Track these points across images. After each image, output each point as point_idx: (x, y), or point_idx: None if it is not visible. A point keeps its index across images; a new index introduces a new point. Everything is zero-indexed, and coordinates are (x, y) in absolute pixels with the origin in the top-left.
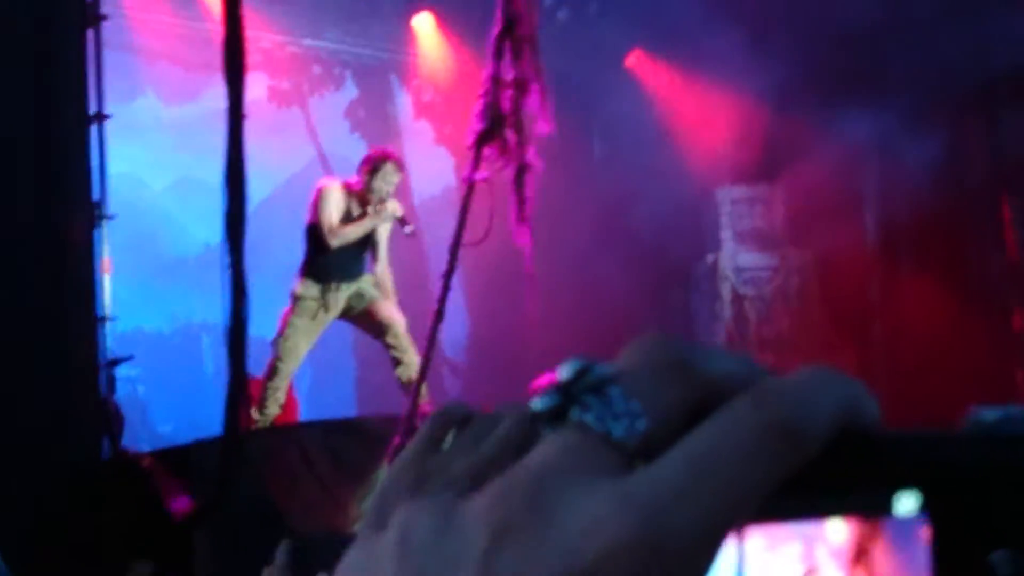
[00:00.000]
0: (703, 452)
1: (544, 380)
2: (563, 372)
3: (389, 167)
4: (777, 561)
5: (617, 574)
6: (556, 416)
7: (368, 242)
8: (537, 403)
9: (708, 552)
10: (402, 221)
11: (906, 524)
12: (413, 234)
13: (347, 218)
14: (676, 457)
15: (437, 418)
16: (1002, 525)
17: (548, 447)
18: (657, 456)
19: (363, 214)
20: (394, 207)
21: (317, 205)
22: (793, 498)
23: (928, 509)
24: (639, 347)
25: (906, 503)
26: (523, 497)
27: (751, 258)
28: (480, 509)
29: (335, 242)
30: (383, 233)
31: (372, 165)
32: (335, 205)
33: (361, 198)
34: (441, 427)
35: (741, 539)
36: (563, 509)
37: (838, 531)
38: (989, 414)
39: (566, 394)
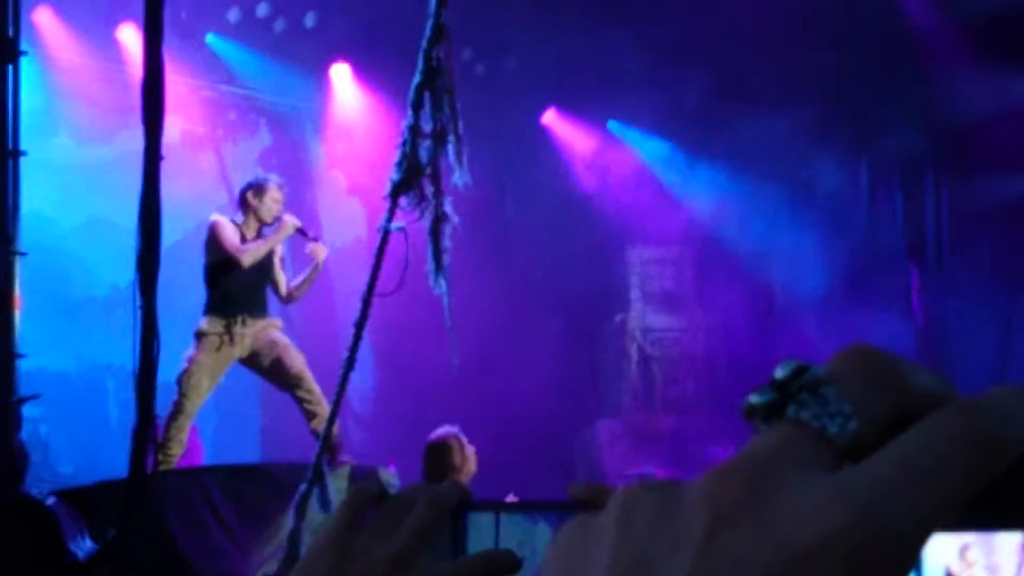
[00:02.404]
0: (913, 455)
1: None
2: (779, 371)
3: (272, 186)
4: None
5: (831, 563)
6: (772, 411)
7: (267, 274)
8: (754, 398)
9: (914, 548)
10: (302, 232)
11: None
12: (317, 240)
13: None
14: (888, 458)
15: (354, 498)
16: None
17: (766, 439)
18: (862, 457)
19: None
20: (293, 220)
21: (215, 238)
22: (982, 510)
23: None
24: (848, 355)
25: None
26: (743, 484)
27: (659, 319)
28: (701, 493)
29: (247, 259)
30: (276, 263)
31: (256, 189)
32: (232, 232)
33: (250, 227)
34: (358, 506)
35: None
36: (782, 498)
37: None
38: None
39: (782, 391)
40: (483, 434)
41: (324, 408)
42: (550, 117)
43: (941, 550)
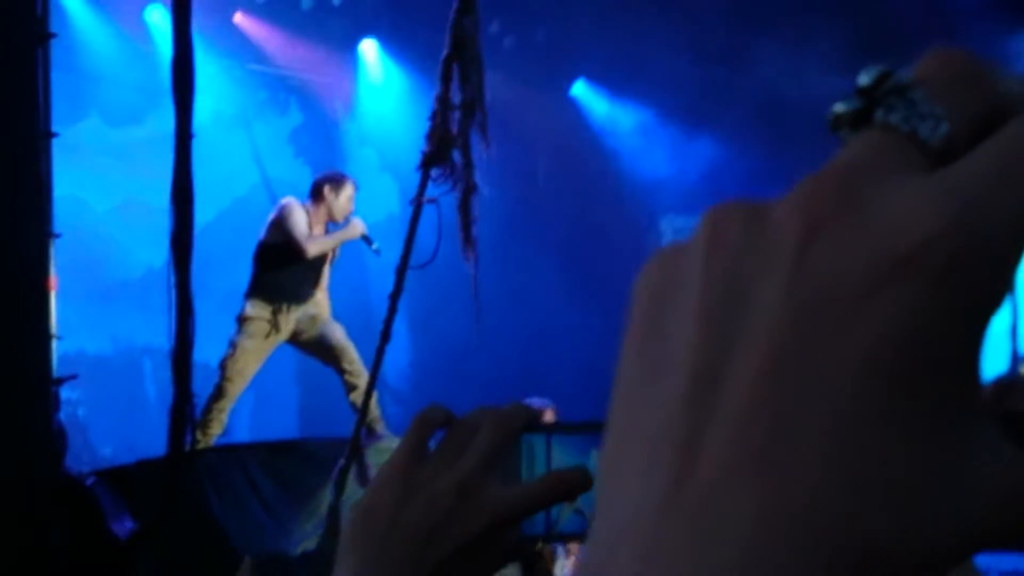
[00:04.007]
0: (1011, 151)
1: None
2: (863, 78)
3: (350, 186)
4: None
5: (934, 263)
6: (859, 119)
7: (320, 265)
8: (839, 106)
9: (1017, 246)
10: (367, 240)
11: None
12: (379, 252)
13: None
14: (984, 156)
15: (418, 425)
16: None
17: (855, 147)
18: (955, 161)
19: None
20: (362, 226)
21: (282, 221)
22: None
23: None
24: (936, 58)
25: None
26: (835, 193)
27: None
28: (792, 205)
29: (313, 250)
30: (328, 261)
31: (335, 184)
32: (303, 219)
33: (319, 219)
34: (422, 434)
35: None
36: (877, 202)
37: None
38: None
39: (869, 97)
40: None
41: (364, 381)
42: (580, 88)
43: None
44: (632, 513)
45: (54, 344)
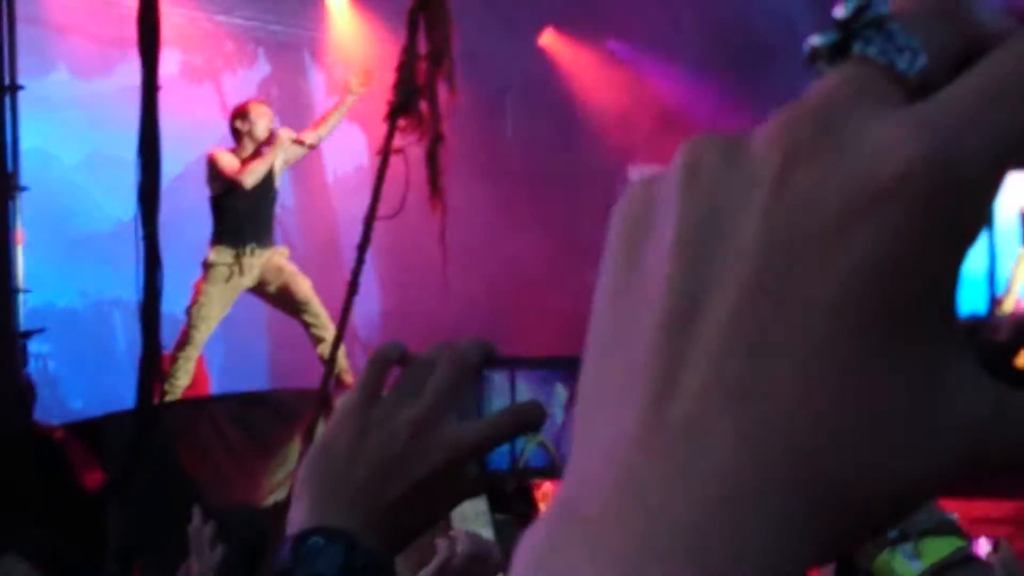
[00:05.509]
0: (991, 79)
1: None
2: (840, 11)
3: (254, 104)
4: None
5: (911, 194)
6: (836, 51)
7: (272, 200)
8: (816, 39)
9: (998, 175)
10: (299, 142)
11: None
12: (314, 145)
13: None
14: (964, 84)
15: (374, 363)
16: None
17: (832, 80)
18: (932, 94)
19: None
20: (287, 132)
21: (213, 169)
22: None
23: None
24: None
25: None
26: (813, 123)
27: None
28: (769, 136)
29: (248, 179)
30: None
31: (240, 114)
32: (230, 159)
33: (247, 153)
34: (379, 372)
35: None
36: (854, 134)
37: None
38: None
39: (846, 30)
40: None
41: (331, 333)
42: (548, 38)
43: (1016, 191)
44: (609, 443)
45: (22, 298)
